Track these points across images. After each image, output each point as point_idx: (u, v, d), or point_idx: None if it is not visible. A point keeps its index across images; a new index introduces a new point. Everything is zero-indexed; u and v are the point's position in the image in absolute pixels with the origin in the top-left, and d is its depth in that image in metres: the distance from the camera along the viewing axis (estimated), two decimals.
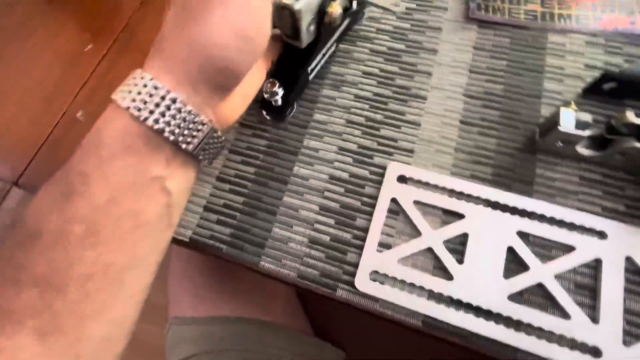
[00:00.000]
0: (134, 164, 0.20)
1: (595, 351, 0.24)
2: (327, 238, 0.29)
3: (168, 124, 0.20)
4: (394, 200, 0.29)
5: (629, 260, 0.25)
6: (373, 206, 0.29)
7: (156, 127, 0.19)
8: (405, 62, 0.34)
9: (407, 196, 0.29)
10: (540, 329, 0.24)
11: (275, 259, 0.29)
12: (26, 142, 0.38)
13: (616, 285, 0.25)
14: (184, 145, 0.21)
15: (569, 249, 0.26)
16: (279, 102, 0.30)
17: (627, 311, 0.24)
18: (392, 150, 0.31)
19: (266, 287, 0.48)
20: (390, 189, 0.29)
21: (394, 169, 0.30)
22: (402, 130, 0.32)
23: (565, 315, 0.25)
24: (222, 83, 0.22)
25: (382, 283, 0.27)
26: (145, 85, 0.19)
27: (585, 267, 0.26)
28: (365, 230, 0.28)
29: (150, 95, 0.19)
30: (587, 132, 0.26)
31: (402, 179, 0.30)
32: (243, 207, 0.31)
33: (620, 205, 0.27)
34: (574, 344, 0.24)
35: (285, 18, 0.26)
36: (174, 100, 0.20)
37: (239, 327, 0.45)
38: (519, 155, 0.29)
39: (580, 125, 0.26)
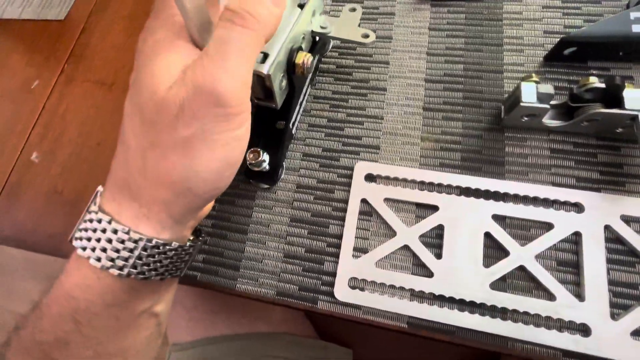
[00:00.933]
0: (118, 313, 0.18)
1: (585, 329, 0.23)
2: (302, 250, 0.28)
3: (155, 269, 0.18)
4: (364, 201, 0.28)
5: (607, 229, 0.25)
6: (345, 210, 0.28)
7: (140, 277, 0.18)
8: (360, 54, 0.33)
9: (376, 195, 0.28)
10: (526, 314, 0.24)
11: (251, 279, 0.28)
12: None
13: (598, 257, 0.24)
14: (169, 276, 0.20)
15: (548, 226, 0.25)
16: (267, 168, 0.28)
17: (611, 283, 0.24)
18: (357, 149, 0.30)
19: None
20: (359, 190, 0.28)
21: (361, 168, 0.29)
22: (365, 126, 0.30)
23: (550, 296, 0.24)
24: (206, 204, 0.20)
25: (362, 289, 0.26)
26: (122, 241, 0.17)
27: (566, 242, 0.25)
28: (340, 236, 0.27)
29: (131, 250, 0.17)
30: (550, 103, 0.25)
31: (370, 178, 0.28)
32: (213, 230, 0.29)
33: (595, 173, 0.26)
34: (562, 325, 0.23)
35: (254, 84, 0.23)
36: (157, 247, 0.18)
37: (238, 343, 0.44)
38: (487, 135, 0.28)
39: (542, 97, 0.25)
